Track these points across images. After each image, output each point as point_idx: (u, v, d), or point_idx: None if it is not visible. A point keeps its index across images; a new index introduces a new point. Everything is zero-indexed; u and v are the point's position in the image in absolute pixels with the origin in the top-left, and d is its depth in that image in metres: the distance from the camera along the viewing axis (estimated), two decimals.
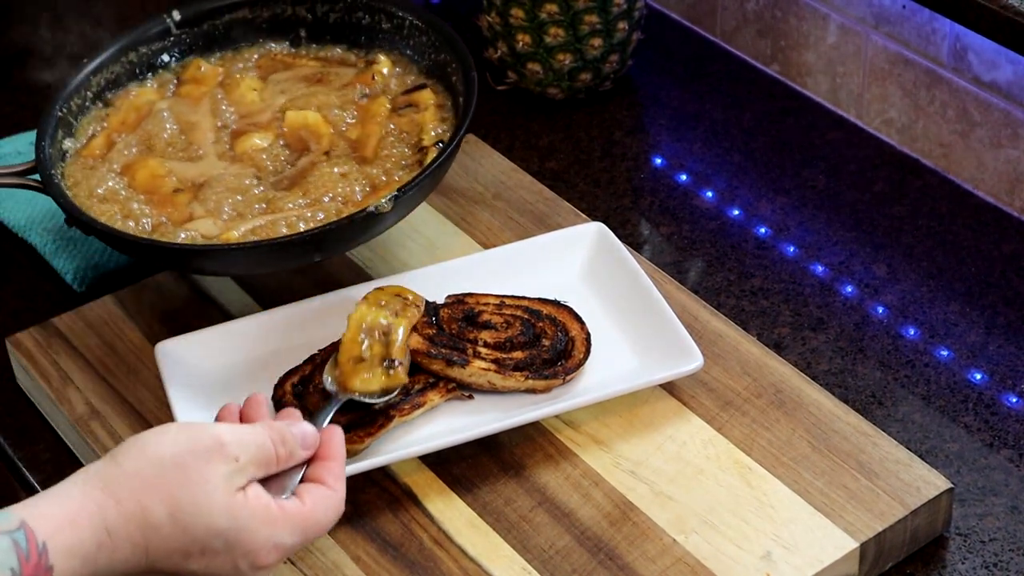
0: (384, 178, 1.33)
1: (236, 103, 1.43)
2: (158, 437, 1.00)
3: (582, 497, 1.18)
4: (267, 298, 1.36)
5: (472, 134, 1.54)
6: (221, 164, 1.37)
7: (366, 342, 1.20)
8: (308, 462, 1.05)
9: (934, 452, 1.25)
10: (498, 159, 1.50)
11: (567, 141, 1.59)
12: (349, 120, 1.39)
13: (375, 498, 1.19)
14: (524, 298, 1.28)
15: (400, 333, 1.21)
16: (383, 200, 1.25)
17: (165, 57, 1.47)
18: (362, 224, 1.26)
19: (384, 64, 1.44)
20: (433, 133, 1.35)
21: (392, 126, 1.38)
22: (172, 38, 1.47)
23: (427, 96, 1.40)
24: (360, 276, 1.37)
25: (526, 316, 1.26)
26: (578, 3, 1.57)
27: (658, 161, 1.57)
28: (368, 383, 1.18)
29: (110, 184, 1.35)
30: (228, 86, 1.45)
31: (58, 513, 0.95)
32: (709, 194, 1.52)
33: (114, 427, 1.26)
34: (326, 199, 1.31)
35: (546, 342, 1.25)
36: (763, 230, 1.47)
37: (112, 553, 0.96)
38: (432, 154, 1.32)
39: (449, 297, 1.28)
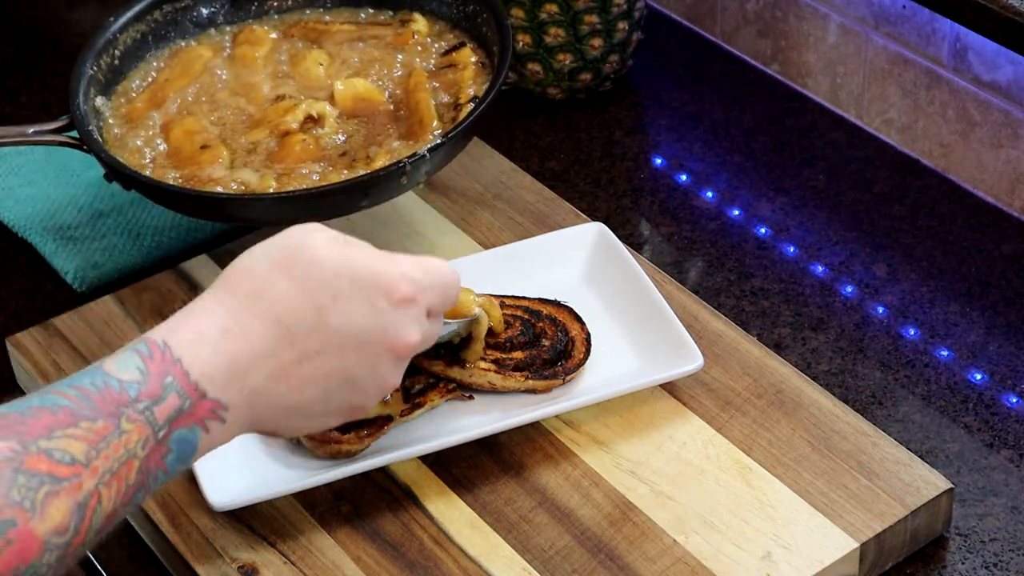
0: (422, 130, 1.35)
1: (300, 76, 1.42)
2: (243, 255, 0.99)
3: (582, 497, 1.18)
4: None
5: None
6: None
7: None
8: None
9: (934, 452, 1.25)
10: (498, 159, 1.50)
11: (567, 141, 1.59)
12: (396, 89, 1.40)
13: (375, 498, 1.19)
14: (524, 298, 1.28)
15: None
16: (420, 152, 1.26)
17: (203, 9, 1.47)
18: (396, 175, 1.26)
19: (420, 23, 1.45)
20: (470, 91, 1.36)
21: (436, 84, 1.38)
22: None
23: (466, 54, 1.41)
24: None
25: (526, 316, 1.26)
26: (578, 3, 1.57)
27: (658, 161, 1.57)
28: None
29: (139, 143, 1.36)
30: (295, 58, 1.44)
31: (174, 324, 0.96)
32: (709, 194, 1.52)
33: None
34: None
35: (546, 342, 1.24)
36: (763, 230, 1.47)
37: (245, 336, 0.95)
38: (465, 111, 1.33)
39: None
